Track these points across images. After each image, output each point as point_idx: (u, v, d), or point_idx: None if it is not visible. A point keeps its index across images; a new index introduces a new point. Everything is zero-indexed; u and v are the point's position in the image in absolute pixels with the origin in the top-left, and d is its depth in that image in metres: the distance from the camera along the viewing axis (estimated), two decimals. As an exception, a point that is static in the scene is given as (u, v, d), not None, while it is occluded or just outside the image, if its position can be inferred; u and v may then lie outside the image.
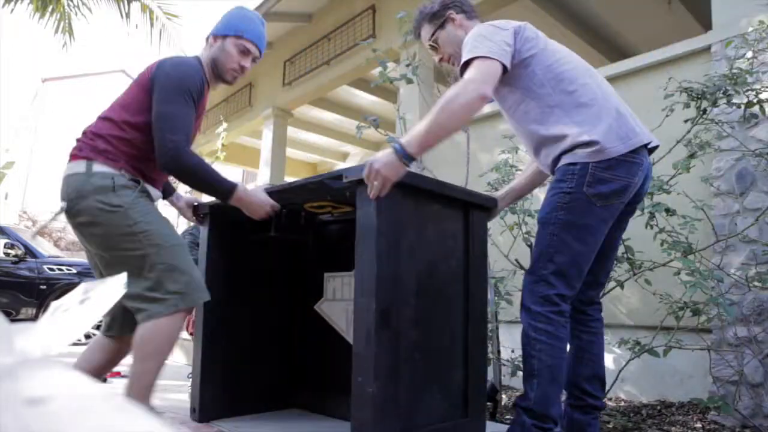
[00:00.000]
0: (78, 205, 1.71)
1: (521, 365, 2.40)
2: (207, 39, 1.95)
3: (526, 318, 1.57)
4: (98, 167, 1.73)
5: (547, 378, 1.52)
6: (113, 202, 1.70)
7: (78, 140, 1.82)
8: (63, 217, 1.80)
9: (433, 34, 1.82)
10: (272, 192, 1.90)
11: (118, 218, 1.70)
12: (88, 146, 1.77)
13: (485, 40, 1.59)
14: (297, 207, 2.10)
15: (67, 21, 5.85)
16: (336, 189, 1.69)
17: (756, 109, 2.31)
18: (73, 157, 1.77)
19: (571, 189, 1.54)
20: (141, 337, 1.71)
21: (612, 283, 2.43)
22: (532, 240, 2.59)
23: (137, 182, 1.78)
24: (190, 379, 2.73)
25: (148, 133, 1.74)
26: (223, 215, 2.17)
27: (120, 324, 1.88)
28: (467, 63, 1.57)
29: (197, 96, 1.79)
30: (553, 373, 1.52)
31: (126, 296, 1.69)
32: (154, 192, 1.89)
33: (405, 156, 1.44)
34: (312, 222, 2.37)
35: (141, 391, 1.71)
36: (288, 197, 1.94)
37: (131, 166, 1.78)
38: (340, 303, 2.27)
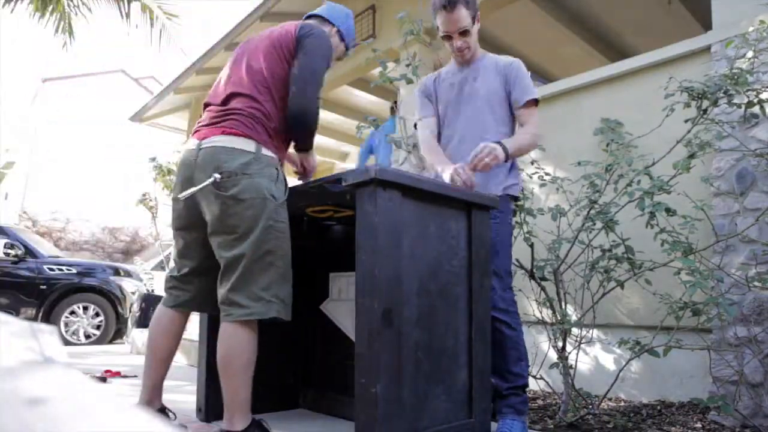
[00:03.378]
0: (240, 180, 1.65)
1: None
2: (322, 20, 2.05)
3: (507, 317, 1.97)
4: (266, 152, 1.73)
5: (526, 358, 2.03)
6: (273, 192, 1.70)
7: (230, 114, 1.75)
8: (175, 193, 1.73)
9: (472, 25, 2.05)
10: None
11: (270, 209, 1.68)
12: (250, 126, 1.73)
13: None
14: (299, 212, 2.10)
15: (67, 21, 5.85)
16: (336, 193, 1.68)
17: (756, 109, 2.31)
18: (234, 132, 1.71)
19: (511, 221, 2.10)
20: (232, 346, 1.65)
21: (612, 283, 2.43)
22: (533, 240, 2.59)
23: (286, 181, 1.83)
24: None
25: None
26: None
27: (199, 303, 1.89)
28: (534, 101, 2.08)
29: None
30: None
31: (232, 288, 1.65)
32: None
33: (506, 153, 1.89)
34: (315, 225, 2.37)
35: (243, 410, 1.67)
36: (289, 202, 1.94)
37: (280, 156, 1.82)
38: (345, 303, 2.27)
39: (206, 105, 1.89)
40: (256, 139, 1.71)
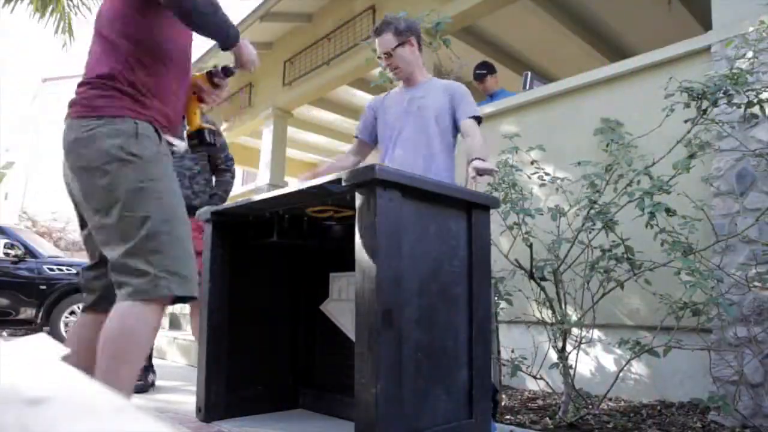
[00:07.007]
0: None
1: (521, 365, 2.46)
2: None
3: None
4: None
5: None
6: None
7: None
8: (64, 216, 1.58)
9: (394, 48, 2.24)
10: (273, 197, 1.91)
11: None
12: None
13: None
14: (299, 212, 2.11)
15: (67, 21, 5.85)
16: (336, 193, 1.69)
17: (756, 109, 2.31)
18: None
19: None
20: (113, 328, 1.35)
21: (612, 283, 2.43)
22: (532, 240, 2.59)
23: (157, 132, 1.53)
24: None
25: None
26: (227, 218, 2.17)
27: (110, 301, 1.48)
28: (479, 119, 2.22)
29: None
30: None
31: (114, 265, 1.42)
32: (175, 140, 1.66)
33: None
34: (315, 225, 2.38)
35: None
36: (289, 202, 1.94)
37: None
38: (345, 303, 2.27)
39: None
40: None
